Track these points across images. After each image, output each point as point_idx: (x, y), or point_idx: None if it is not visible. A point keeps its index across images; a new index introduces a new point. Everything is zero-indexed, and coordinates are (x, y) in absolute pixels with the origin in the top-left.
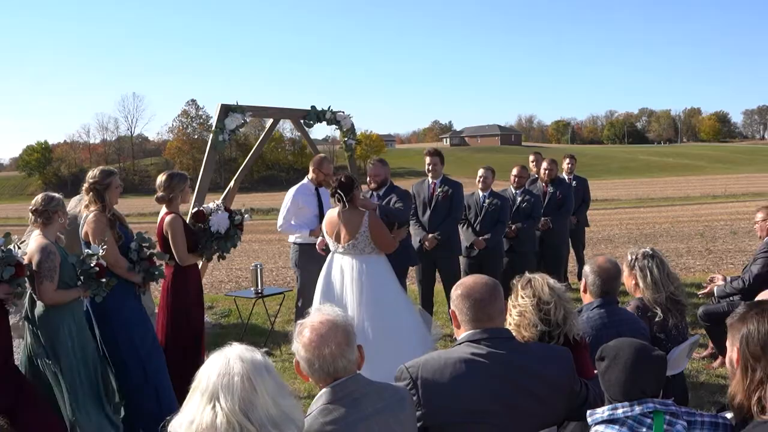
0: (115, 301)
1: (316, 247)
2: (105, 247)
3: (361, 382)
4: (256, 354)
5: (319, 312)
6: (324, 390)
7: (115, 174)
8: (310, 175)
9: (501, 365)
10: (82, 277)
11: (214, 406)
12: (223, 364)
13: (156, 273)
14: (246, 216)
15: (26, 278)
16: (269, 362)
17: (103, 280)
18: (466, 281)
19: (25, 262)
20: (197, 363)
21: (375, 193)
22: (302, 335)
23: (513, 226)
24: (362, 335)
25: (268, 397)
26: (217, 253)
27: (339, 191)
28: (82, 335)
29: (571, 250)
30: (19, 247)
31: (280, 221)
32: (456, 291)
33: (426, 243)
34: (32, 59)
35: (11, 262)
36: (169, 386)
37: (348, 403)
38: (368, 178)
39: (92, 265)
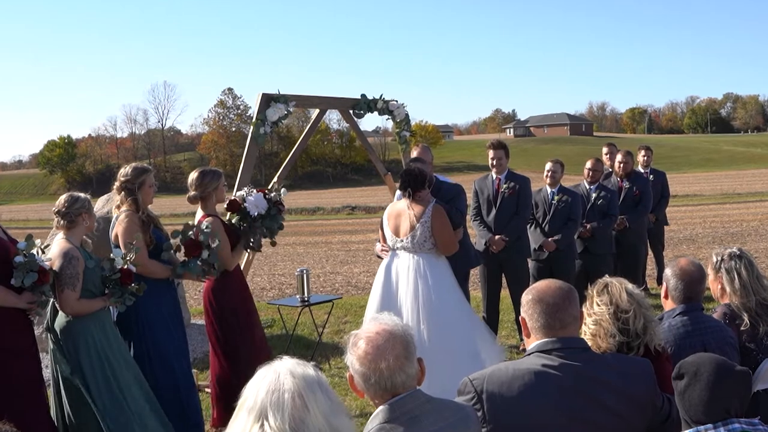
0: (144, 306)
1: (376, 252)
2: (136, 250)
3: (420, 398)
4: (308, 369)
5: (376, 321)
6: (381, 408)
7: (149, 171)
8: None
9: (575, 378)
10: (108, 285)
11: (262, 425)
12: (273, 379)
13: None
14: (283, 191)
15: (50, 285)
16: (322, 377)
17: (133, 285)
18: (538, 285)
19: (49, 267)
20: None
21: None
22: (357, 347)
23: (588, 226)
24: (418, 345)
25: (320, 415)
26: (267, 238)
27: (409, 184)
28: (109, 347)
29: (650, 252)
30: (43, 252)
31: None
32: (527, 296)
33: (493, 245)
34: (53, 46)
35: (34, 267)
36: (196, 405)
37: (407, 422)
38: None
39: (117, 269)
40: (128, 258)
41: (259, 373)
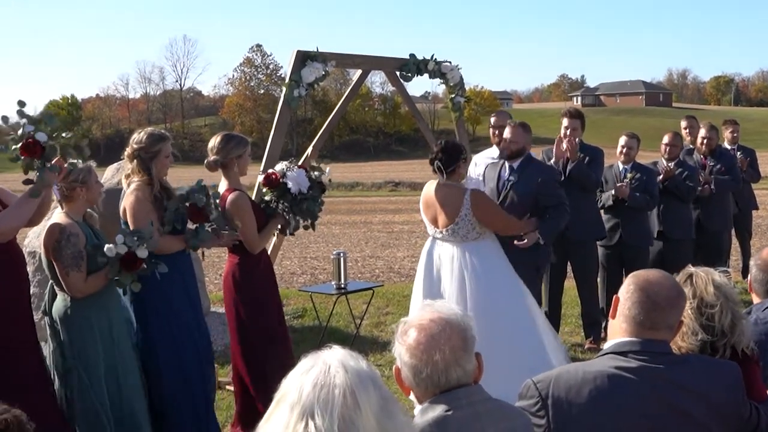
0: (153, 292)
1: None
2: (148, 235)
3: (483, 394)
4: (361, 361)
5: (430, 308)
6: (440, 396)
7: (166, 140)
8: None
9: (654, 383)
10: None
11: (306, 424)
12: (321, 372)
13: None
14: (327, 169)
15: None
16: (375, 373)
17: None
18: (651, 274)
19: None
20: (276, 371)
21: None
22: (406, 336)
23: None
24: None
25: (372, 416)
26: (306, 222)
27: (439, 160)
28: (117, 335)
29: (735, 240)
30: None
31: None
32: (633, 277)
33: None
34: None
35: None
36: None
37: (470, 415)
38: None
39: (110, 254)
40: (135, 245)
41: (303, 362)
